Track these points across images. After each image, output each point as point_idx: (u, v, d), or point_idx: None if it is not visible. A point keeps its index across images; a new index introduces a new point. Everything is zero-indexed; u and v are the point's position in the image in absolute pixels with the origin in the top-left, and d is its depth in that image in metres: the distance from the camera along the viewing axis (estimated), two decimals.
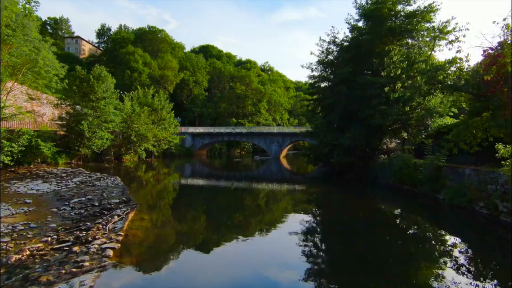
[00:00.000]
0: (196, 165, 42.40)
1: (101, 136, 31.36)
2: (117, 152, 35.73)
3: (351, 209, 14.52)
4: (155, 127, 37.90)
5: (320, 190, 20.90)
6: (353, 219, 12.41)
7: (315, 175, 28.45)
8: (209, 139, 52.55)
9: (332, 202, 16.77)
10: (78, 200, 13.79)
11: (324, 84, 25.06)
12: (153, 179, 25.87)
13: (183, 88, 69.68)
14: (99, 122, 31.30)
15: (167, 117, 41.58)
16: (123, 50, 62.57)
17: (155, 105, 40.80)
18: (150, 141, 37.03)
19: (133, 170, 31.51)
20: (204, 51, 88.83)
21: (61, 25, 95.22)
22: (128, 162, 36.19)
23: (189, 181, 26.12)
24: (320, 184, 23.59)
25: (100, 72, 31.91)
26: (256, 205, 15.94)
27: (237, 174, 33.74)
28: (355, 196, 18.26)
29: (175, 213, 13.16)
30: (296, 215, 13.55)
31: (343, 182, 22.44)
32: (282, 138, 49.86)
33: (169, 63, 65.44)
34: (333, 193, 19.17)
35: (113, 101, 33.06)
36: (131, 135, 34.64)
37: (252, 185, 23.99)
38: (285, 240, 9.27)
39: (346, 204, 15.86)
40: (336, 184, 22.27)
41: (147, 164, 36.32)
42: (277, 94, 73.01)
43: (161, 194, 17.83)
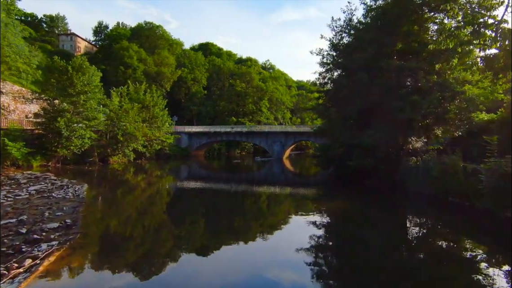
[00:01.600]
0: (192, 167, 38.17)
1: (81, 135, 27.15)
2: (102, 152, 31.51)
3: (376, 224, 10.99)
4: (144, 126, 33.65)
5: (334, 198, 16.70)
6: (379, 238, 9.33)
7: (324, 179, 24.22)
8: (206, 139, 48.30)
9: (351, 214, 12.81)
10: (7, 222, 9.59)
11: (336, 73, 20.80)
12: (140, 184, 21.74)
13: (181, 86, 65.43)
14: (79, 119, 27.10)
15: (160, 115, 37.34)
16: (117, 45, 58.39)
17: (146, 101, 36.58)
18: (140, 141, 32.80)
19: (120, 173, 27.35)
20: (203, 49, 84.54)
21: (57, 22, 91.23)
22: (116, 164, 32.00)
23: (181, 186, 21.95)
24: (333, 191, 19.35)
25: (82, 63, 27.72)
26: (257, 219, 11.69)
27: (236, 177, 29.48)
28: (381, 207, 14.13)
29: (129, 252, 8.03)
30: (307, 230, 10.03)
31: (361, 188, 18.22)
32: (285, 138, 45.58)
33: (166, 59, 61.24)
34: (352, 203, 15.00)
35: (96, 96, 28.87)
36: (118, 134, 30.42)
37: (252, 190, 20.00)
38: (292, 263, 7.12)
39: (370, 218, 12.02)
40: (353, 191, 18.04)
41: (137, 166, 32.13)
42: (279, 92, 68.70)
43: (138, 209, 13.55)
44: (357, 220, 11.89)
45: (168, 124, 39.13)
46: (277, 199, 17.46)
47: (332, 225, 11.28)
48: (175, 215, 12.61)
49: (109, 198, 15.86)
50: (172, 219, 11.89)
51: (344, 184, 20.14)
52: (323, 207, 14.61)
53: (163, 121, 37.71)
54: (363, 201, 15.52)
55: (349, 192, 17.85)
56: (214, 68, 67.85)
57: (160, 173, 30.21)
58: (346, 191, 18.16)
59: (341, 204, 14.92)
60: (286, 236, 9.67)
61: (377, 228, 10.68)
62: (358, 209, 13.89)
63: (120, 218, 11.63)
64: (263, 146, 47.52)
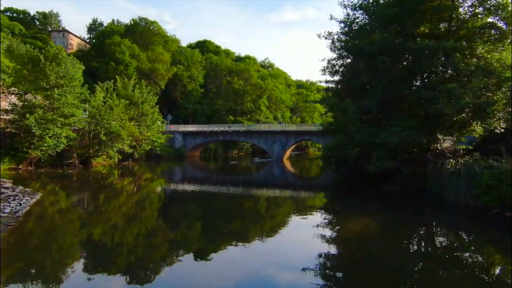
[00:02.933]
0: (186, 169, 34.70)
1: (56, 134, 23.63)
2: (83, 154, 27.97)
3: (409, 249, 8.14)
4: (131, 124, 30.11)
5: (348, 207, 13.32)
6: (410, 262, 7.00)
7: (330, 182, 20.84)
8: (202, 139, 44.78)
9: (373, 232, 9.67)
10: None
11: (349, 60, 17.31)
12: (125, 189, 18.60)
13: (177, 84, 61.82)
14: (54, 116, 23.56)
15: (150, 113, 33.79)
16: (108, 40, 54.80)
17: (134, 98, 33.03)
18: (126, 141, 29.25)
19: (103, 176, 23.94)
20: (200, 47, 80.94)
21: (50, 20, 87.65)
22: (100, 166, 28.50)
23: (171, 191, 18.83)
24: (344, 196, 15.96)
25: (57, 52, 24.21)
26: (256, 236, 8.34)
27: (233, 179, 26.06)
28: (411, 224, 10.86)
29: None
30: (314, 250, 7.76)
31: (379, 196, 14.83)
32: (285, 138, 42.10)
33: (160, 56, 57.66)
34: (372, 215, 11.68)
35: (74, 91, 25.34)
36: (100, 133, 26.88)
37: (249, 195, 16.91)
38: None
39: (400, 239, 8.94)
40: (369, 199, 14.64)
41: (124, 168, 28.63)
42: (278, 90, 65.20)
43: (118, 226, 10.09)
44: (383, 240, 8.59)
45: (159, 122, 35.52)
46: (278, 208, 14.07)
47: (349, 246, 8.22)
48: (163, 229, 10.35)
49: (73, 211, 12.52)
50: (160, 234, 9.68)
51: (355, 189, 16.72)
52: (334, 219, 11.24)
53: (154, 119, 34.16)
54: (386, 213, 12.12)
55: (365, 200, 14.42)
56: (211, 65, 64.25)
57: (150, 176, 26.77)
58: (360, 199, 14.71)
59: (358, 216, 11.55)
60: (288, 259, 7.39)
61: (412, 255, 7.50)
62: (381, 224, 10.51)
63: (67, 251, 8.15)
64: (262, 146, 44.05)
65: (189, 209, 13.74)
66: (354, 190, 16.66)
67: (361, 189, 16.38)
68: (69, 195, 16.22)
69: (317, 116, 79.28)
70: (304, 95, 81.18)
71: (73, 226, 10.29)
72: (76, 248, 8.11)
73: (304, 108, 78.15)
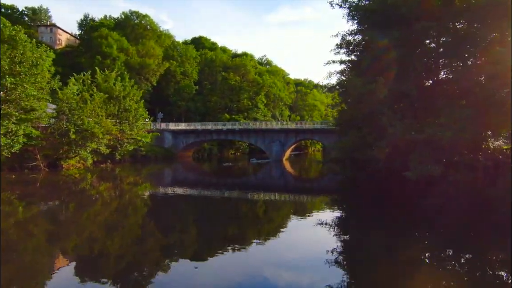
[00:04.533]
0: (175, 171, 30.37)
1: (12, 132, 19.30)
2: (52, 155, 23.62)
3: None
4: (109, 121, 25.75)
5: (379, 232, 9.01)
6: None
7: (338, 187, 16.78)
8: (194, 138, 40.44)
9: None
10: None
11: (371, 33, 13.04)
12: (99, 197, 14.94)
13: (169, 80, 57.40)
14: (7, 110, 19.22)
15: (133, 109, 29.44)
16: (95, 33, 50.38)
17: (115, 91, 28.70)
18: (103, 140, 24.90)
19: (74, 181, 19.78)
20: (196, 43, 76.58)
21: (40, 15, 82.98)
22: (74, 169, 24.16)
23: (154, 200, 14.85)
24: (369, 214, 11.69)
25: (13, 34, 19.87)
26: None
27: (227, 183, 21.72)
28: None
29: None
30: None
31: (421, 212, 10.67)
32: (285, 136, 37.87)
33: (152, 50, 53.29)
34: (417, 242, 7.56)
35: (37, 81, 20.99)
36: (70, 131, 22.53)
37: (244, 201, 12.60)
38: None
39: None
40: (406, 216, 10.47)
41: (103, 172, 24.32)
42: (277, 87, 60.95)
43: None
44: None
45: (144, 119, 31.13)
46: (280, 226, 9.81)
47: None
48: (143, 244, 8.17)
49: (35, 223, 10.11)
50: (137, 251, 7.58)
51: (381, 203, 12.52)
52: (364, 254, 7.03)
53: (137, 116, 29.81)
54: (447, 248, 7.86)
55: (402, 221, 10.22)
56: (206, 61, 59.86)
57: (133, 179, 22.48)
58: (395, 218, 10.51)
59: (403, 251, 7.29)
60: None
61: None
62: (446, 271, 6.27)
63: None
64: (260, 145, 39.79)
65: (173, 222, 10.67)
66: (380, 204, 12.47)
67: (391, 203, 12.22)
68: (30, 205, 12.92)
69: (316, 115, 75.19)
70: (303, 93, 77.07)
71: (35, 241, 8.58)
72: (41, 265, 6.91)
73: (304, 106, 74.04)
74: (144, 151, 32.32)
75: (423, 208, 10.83)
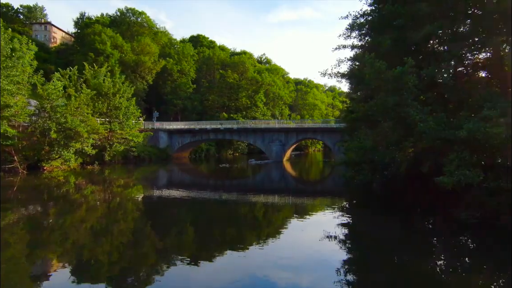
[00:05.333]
0: (169, 173, 28.24)
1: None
2: (32, 156, 21.52)
3: None
4: (94, 119, 23.63)
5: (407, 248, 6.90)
6: None
7: (351, 194, 14.72)
8: (190, 138, 38.34)
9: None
10: None
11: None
12: (84, 201, 13.14)
13: (166, 79, 55.30)
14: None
15: (124, 106, 27.33)
16: (88, 30, 48.29)
17: (104, 88, 26.59)
18: (88, 140, 22.80)
19: (57, 185, 17.69)
20: (194, 42, 74.54)
21: (36, 13, 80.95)
22: (59, 171, 22.08)
23: (146, 205, 12.93)
24: (386, 221, 9.59)
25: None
26: None
27: (221, 187, 19.55)
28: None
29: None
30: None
31: (459, 227, 8.59)
32: (285, 136, 35.80)
33: (147, 47, 51.17)
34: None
35: (12, 74, 18.90)
36: (51, 129, 20.43)
37: (240, 208, 10.63)
38: None
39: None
40: (439, 232, 8.38)
41: (91, 174, 22.21)
42: (277, 85, 58.84)
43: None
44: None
45: (136, 118, 28.99)
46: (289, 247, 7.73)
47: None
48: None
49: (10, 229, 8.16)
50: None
51: (406, 213, 10.43)
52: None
53: (128, 114, 27.69)
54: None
55: (434, 238, 8.14)
56: (204, 58, 57.75)
57: (124, 182, 20.32)
58: (423, 234, 8.43)
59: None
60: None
61: None
62: None
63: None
64: (259, 145, 37.71)
65: (161, 230, 9.18)
66: (405, 215, 10.38)
67: (418, 213, 10.16)
68: (3, 211, 10.87)
69: (317, 114, 73.12)
70: (303, 92, 75.02)
71: (13, 251, 7.28)
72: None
73: (304, 105, 72.00)
74: (136, 152, 30.20)
75: (458, 222, 8.75)
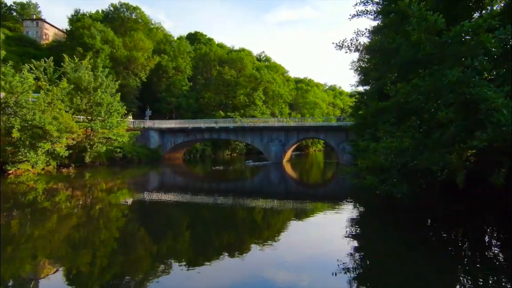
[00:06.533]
0: (158, 176, 25.11)
1: None
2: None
3: None
4: (69, 116, 20.56)
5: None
6: None
7: (368, 199, 11.75)
8: (183, 138, 35.27)
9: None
10: None
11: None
12: (57, 209, 11.31)
13: (161, 76, 52.30)
14: None
15: (106, 102, 24.25)
16: (77, 23, 45.29)
17: (83, 82, 23.53)
18: (62, 140, 19.74)
19: (22, 193, 14.63)
20: (191, 39, 71.42)
21: (29, 10, 78.02)
22: (29, 174, 19.01)
23: (129, 216, 9.80)
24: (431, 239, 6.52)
25: None
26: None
27: (216, 190, 16.44)
28: None
29: None
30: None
31: None
32: (285, 135, 32.75)
33: (140, 43, 48.12)
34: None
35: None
36: (13, 127, 17.38)
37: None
38: None
39: None
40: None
41: (65, 178, 19.13)
42: (276, 83, 55.74)
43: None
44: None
45: (120, 115, 25.82)
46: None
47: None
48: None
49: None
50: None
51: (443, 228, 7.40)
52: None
53: (111, 111, 24.61)
54: None
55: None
56: (200, 55, 54.65)
57: (106, 187, 17.17)
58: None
59: None
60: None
61: None
62: None
63: None
64: (257, 145, 34.66)
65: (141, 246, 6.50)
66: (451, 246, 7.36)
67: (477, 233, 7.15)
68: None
69: (318, 113, 70.05)
70: (303, 91, 71.96)
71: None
72: None
73: (304, 104, 68.92)
74: (121, 153, 27.11)
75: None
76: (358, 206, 12.14)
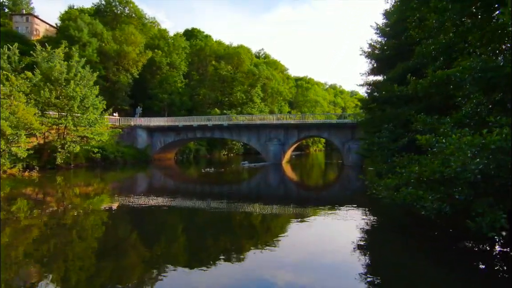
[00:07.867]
0: (143, 180, 21.81)
1: None
2: None
3: None
4: (29, 110, 17.29)
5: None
6: None
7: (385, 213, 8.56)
8: (174, 137, 32.02)
9: None
10: None
11: None
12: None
13: (154, 73, 49.07)
14: None
15: (78, 96, 20.97)
16: (62, 14, 42.12)
17: (54, 73, 20.28)
18: (20, 139, 16.49)
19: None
20: (188, 36, 68.02)
21: (21, 6, 74.94)
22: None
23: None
24: None
25: None
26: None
27: (207, 197, 13.11)
28: None
29: None
30: None
31: None
32: (285, 134, 29.49)
33: (131, 37, 44.90)
34: None
35: None
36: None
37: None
38: None
39: None
40: None
41: (30, 183, 15.89)
42: (275, 80, 52.46)
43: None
44: None
45: (96, 110, 22.48)
46: None
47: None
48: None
49: None
50: None
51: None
52: None
53: (86, 106, 21.34)
54: None
55: None
56: (195, 50, 51.36)
57: (80, 193, 13.91)
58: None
59: None
60: None
61: None
62: None
63: None
64: (254, 145, 31.40)
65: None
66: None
67: None
68: None
69: (319, 111, 66.81)
70: (304, 89, 68.69)
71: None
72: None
73: (305, 102, 65.64)
74: (98, 153, 23.82)
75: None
76: (374, 215, 8.99)
